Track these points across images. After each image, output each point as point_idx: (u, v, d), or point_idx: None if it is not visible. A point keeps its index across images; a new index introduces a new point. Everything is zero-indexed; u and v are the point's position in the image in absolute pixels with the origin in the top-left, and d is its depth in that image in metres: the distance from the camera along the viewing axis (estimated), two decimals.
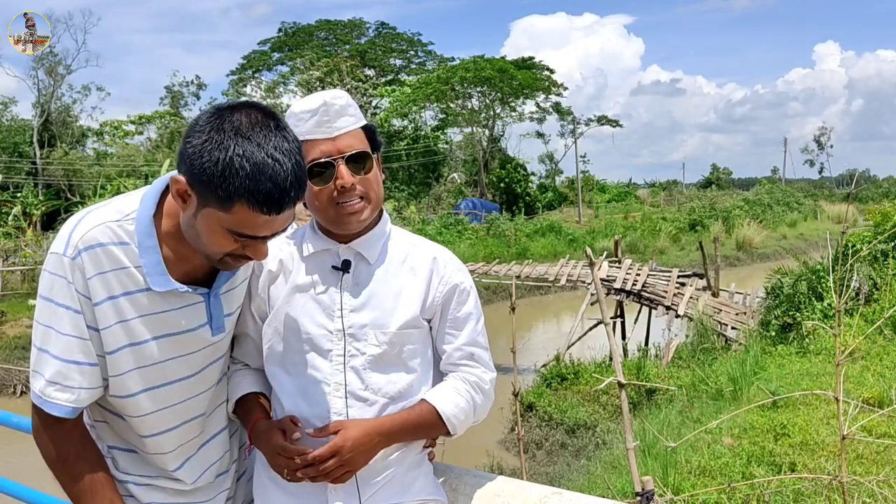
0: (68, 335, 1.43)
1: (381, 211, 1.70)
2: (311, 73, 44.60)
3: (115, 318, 1.45)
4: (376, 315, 1.60)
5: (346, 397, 1.58)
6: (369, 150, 1.61)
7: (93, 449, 1.54)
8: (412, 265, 1.66)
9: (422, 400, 1.63)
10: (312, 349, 1.61)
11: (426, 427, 1.63)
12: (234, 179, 1.28)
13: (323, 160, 1.55)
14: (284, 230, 1.43)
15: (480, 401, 1.68)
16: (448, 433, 1.65)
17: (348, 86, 44.86)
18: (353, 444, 1.53)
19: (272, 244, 1.69)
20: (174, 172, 1.41)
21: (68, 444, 1.50)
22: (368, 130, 1.63)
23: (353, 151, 1.57)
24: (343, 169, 1.55)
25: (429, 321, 1.67)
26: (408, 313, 1.61)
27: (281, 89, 48.20)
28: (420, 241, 1.73)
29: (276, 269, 1.67)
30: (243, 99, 1.42)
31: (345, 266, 1.61)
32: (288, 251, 1.68)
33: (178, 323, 1.51)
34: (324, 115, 1.56)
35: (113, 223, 1.45)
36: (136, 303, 1.47)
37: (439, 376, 1.72)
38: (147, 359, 1.50)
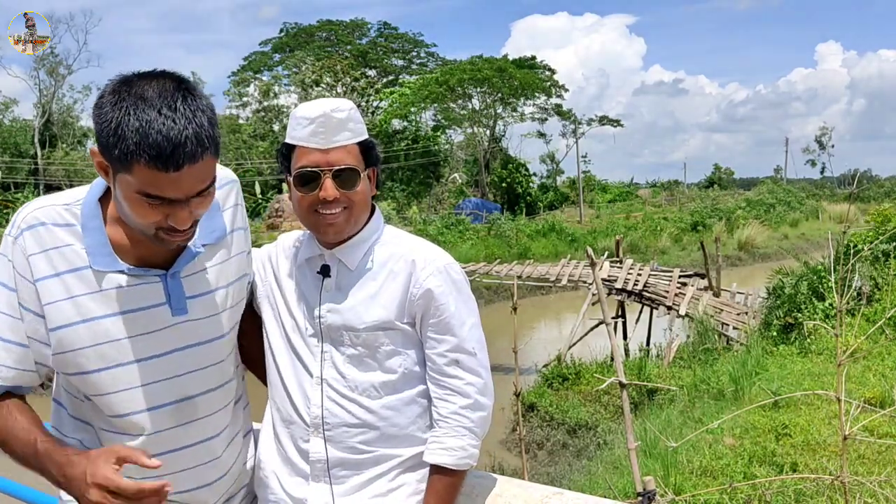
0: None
1: (373, 215, 1.70)
2: (307, 73, 44.58)
3: (63, 294, 1.43)
4: (349, 317, 1.63)
5: (322, 390, 1.63)
6: (361, 167, 1.60)
7: (27, 420, 1.45)
8: (392, 268, 1.65)
9: (429, 470, 1.63)
10: (298, 348, 1.68)
11: (452, 487, 1.62)
12: (126, 136, 1.27)
13: (310, 170, 1.57)
14: (204, 193, 1.37)
15: (477, 418, 1.63)
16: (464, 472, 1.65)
17: (346, 86, 44.90)
18: None
19: (267, 251, 1.80)
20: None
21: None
22: (366, 146, 1.62)
23: (342, 167, 1.57)
24: (328, 182, 1.56)
25: (412, 326, 1.65)
26: (378, 316, 1.62)
27: (277, 90, 48.19)
28: (407, 243, 1.70)
29: (265, 274, 1.77)
30: (160, 68, 1.40)
31: (324, 270, 1.66)
32: (283, 259, 1.76)
33: (132, 300, 1.47)
34: (321, 125, 1.56)
35: (59, 206, 1.46)
36: (84, 279, 1.44)
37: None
38: (102, 336, 1.45)
